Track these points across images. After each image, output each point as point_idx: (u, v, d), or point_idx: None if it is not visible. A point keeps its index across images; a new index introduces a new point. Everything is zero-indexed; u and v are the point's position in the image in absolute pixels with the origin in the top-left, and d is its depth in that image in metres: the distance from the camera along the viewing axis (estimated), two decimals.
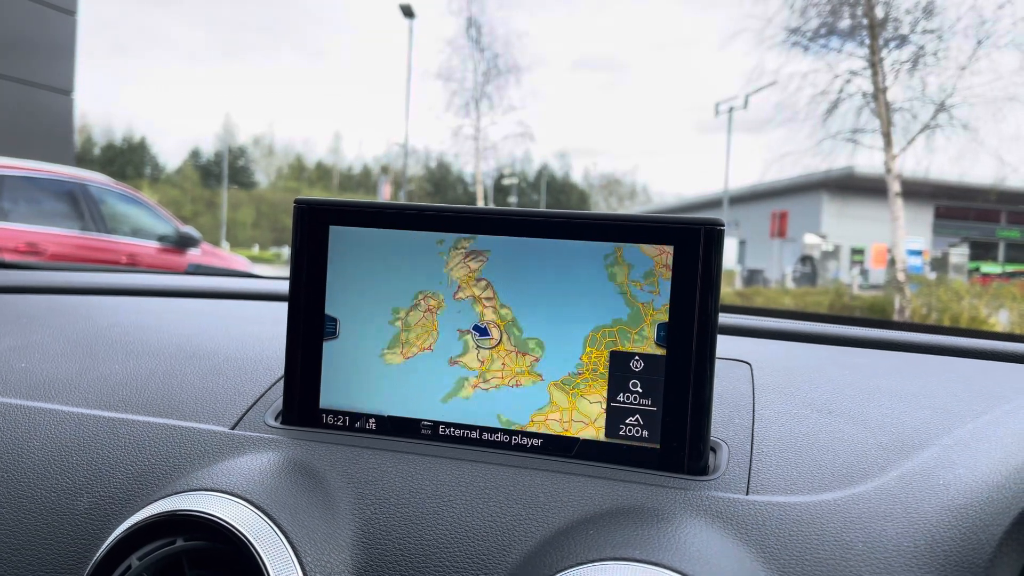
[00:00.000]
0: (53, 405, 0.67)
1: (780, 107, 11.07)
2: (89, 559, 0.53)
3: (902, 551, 0.46)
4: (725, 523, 0.50)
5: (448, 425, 0.59)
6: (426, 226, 0.59)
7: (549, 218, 0.58)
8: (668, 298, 0.55)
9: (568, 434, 0.53)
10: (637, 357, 0.56)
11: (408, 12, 18.96)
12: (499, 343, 0.56)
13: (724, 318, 0.87)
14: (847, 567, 0.46)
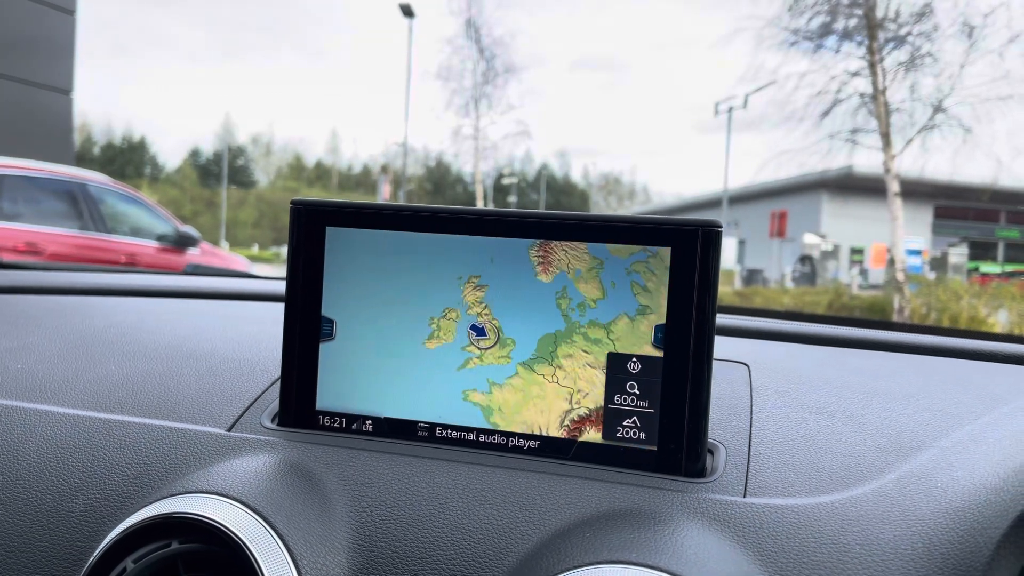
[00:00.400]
0: (49, 407, 0.66)
1: (780, 107, 11.07)
2: (84, 561, 0.53)
3: (900, 554, 0.46)
4: (722, 526, 0.49)
5: (444, 427, 0.59)
6: (423, 227, 0.59)
7: (547, 219, 0.58)
8: (666, 299, 0.55)
9: (526, 415, 0.58)
10: (634, 359, 0.56)
11: (408, 12, 18.96)
12: (495, 342, 0.59)
13: (722, 319, 0.87)
14: (844, 570, 0.46)
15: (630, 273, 0.56)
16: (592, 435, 0.57)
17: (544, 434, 0.57)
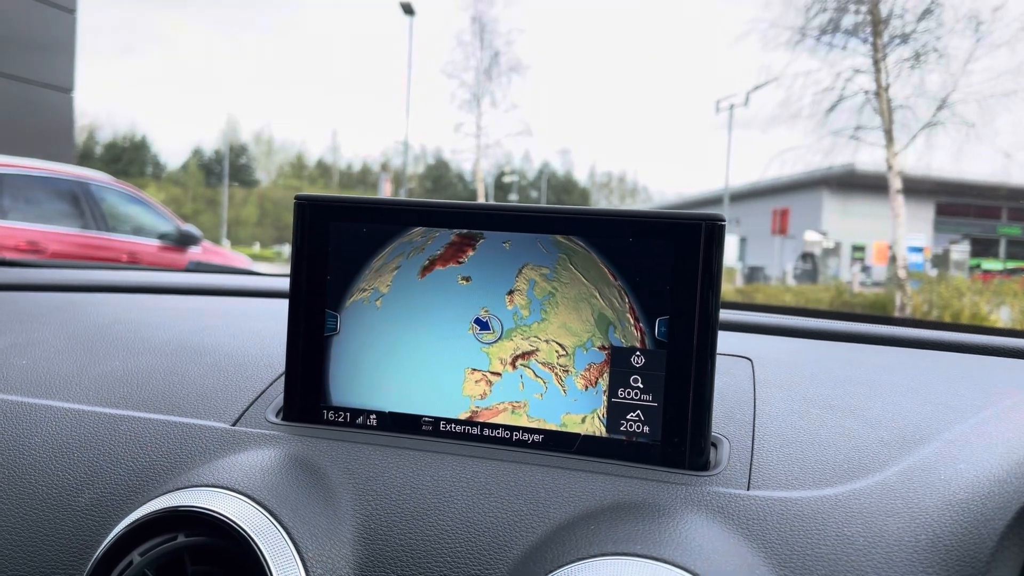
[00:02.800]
0: (54, 402, 0.67)
1: (785, 105, 11.06)
2: (91, 555, 0.53)
3: (903, 546, 0.46)
4: (726, 518, 0.50)
5: (449, 421, 0.59)
6: (425, 222, 0.60)
7: (551, 214, 0.58)
8: (669, 293, 0.55)
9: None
10: (638, 353, 0.56)
11: (408, 10, 18.95)
12: (498, 337, 0.59)
13: (725, 314, 0.87)
14: (848, 562, 0.46)
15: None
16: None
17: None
